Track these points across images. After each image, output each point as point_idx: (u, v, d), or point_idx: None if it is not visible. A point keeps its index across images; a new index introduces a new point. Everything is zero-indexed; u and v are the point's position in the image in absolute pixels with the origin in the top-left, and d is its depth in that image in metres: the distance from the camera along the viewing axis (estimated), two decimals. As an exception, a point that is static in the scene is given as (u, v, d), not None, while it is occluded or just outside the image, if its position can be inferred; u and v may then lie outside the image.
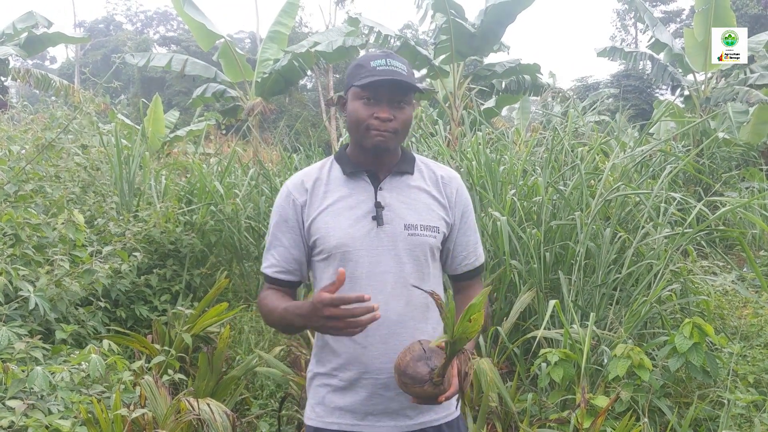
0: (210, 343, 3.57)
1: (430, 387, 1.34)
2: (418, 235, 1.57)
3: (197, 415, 2.46)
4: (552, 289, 3.77)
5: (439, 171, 1.69)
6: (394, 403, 1.54)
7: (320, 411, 1.60)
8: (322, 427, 1.59)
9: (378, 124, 1.51)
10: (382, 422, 1.55)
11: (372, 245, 1.55)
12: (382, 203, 1.57)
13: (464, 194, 1.69)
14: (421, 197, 1.62)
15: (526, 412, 3.03)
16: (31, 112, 5.50)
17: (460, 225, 1.67)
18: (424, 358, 1.35)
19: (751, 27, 21.58)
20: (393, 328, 1.54)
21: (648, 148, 4.52)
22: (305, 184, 1.62)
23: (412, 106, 1.59)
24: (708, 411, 3.03)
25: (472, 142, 5.14)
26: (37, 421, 2.09)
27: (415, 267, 1.57)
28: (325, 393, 1.60)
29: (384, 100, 1.52)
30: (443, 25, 8.68)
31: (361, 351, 1.53)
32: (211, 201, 4.95)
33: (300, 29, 30.59)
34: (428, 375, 1.33)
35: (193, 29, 10.58)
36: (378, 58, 1.53)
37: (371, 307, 1.30)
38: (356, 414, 1.55)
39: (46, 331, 3.01)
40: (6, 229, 3.13)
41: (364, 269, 1.54)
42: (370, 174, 1.61)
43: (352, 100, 1.56)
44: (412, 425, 1.56)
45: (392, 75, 1.50)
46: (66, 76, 30.72)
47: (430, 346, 1.39)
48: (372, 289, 1.53)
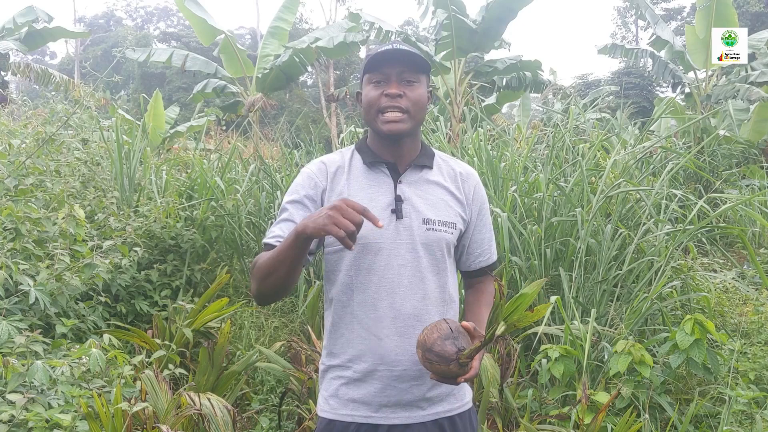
0: (210, 339, 3.57)
1: (455, 367, 1.34)
2: (435, 231, 1.57)
3: (198, 410, 2.45)
4: (553, 286, 3.77)
5: (458, 167, 1.69)
6: (408, 394, 1.55)
7: (334, 403, 1.59)
8: (336, 419, 1.58)
9: (388, 101, 1.52)
10: (396, 414, 1.55)
11: (390, 238, 1.55)
12: (402, 197, 1.57)
13: (481, 192, 1.70)
14: (440, 193, 1.63)
15: (526, 407, 3.03)
16: (31, 107, 5.49)
17: (476, 222, 1.68)
18: (452, 338, 1.35)
19: (752, 24, 21.58)
20: (409, 321, 1.54)
21: (649, 145, 4.52)
22: (328, 170, 1.62)
23: (426, 88, 1.59)
24: (709, 408, 3.03)
25: (474, 139, 5.14)
26: (37, 415, 2.09)
27: (431, 262, 1.57)
28: (339, 385, 1.59)
29: (392, 77, 1.53)
30: (444, 21, 8.66)
31: (377, 343, 1.53)
32: (211, 197, 4.94)
33: (300, 25, 30.54)
34: (455, 354, 1.33)
35: (193, 24, 10.56)
36: (386, 45, 1.57)
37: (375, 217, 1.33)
38: (370, 406, 1.55)
39: (46, 325, 3.01)
40: (6, 223, 3.13)
41: (382, 261, 1.54)
42: (390, 166, 1.61)
43: (365, 87, 1.58)
44: (426, 416, 1.56)
45: (398, 52, 1.52)
46: (66, 72, 30.63)
47: (456, 323, 1.40)
48: (388, 281, 1.54)
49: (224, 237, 4.90)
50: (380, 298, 1.54)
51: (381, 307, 1.53)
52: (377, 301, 1.53)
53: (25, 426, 2.08)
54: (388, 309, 1.53)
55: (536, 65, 10.37)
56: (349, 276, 1.56)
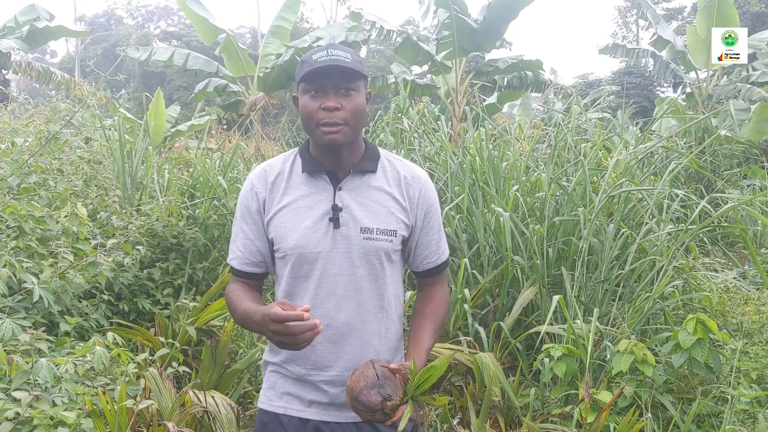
0: (213, 337, 3.57)
1: (380, 416, 1.37)
2: (373, 240, 1.56)
3: (204, 408, 2.46)
4: (555, 285, 3.78)
5: (403, 171, 1.65)
6: (340, 398, 1.57)
7: (270, 395, 1.65)
8: (271, 410, 1.63)
9: (326, 115, 1.49)
10: (327, 411, 1.59)
11: (327, 247, 1.55)
12: (339, 205, 1.56)
13: (428, 194, 1.66)
14: (381, 199, 1.60)
15: (528, 406, 3.04)
16: (33, 106, 5.48)
17: (422, 225, 1.66)
18: (377, 386, 1.37)
19: (753, 25, 21.59)
20: (342, 329, 1.57)
21: (651, 145, 4.52)
22: (268, 178, 1.61)
23: (363, 94, 1.55)
24: (711, 407, 3.03)
25: (475, 138, 5.14)
26: (42, 413, 2.09)
27: (368, 270, 1.57)
28: (276, 379, 1.65)
29: (329, 89, 1.50)
30: (446, 21, 8.67)
31: (309, 349, 1.53)
32: (214, 195, 4.95)
33: (301, 24, 30.53)
34: (380, 405, 1.35)
35: (195, 23, 10.57)
36: (320, 50, 1.52)
37: (312, 324, 1.31)
38: (303, 401, 1.61)
39: (49, 323, 3.01)
40: (9, 222, 3.13)
41: (318, 270, 1.55)
42: (330, 173, 1.59)
43: (301, 96, 1.55)
44: (358, 417, 1.57)
45: (333, 62, 1.48)
46: (66, 70, 30.63)
47: (383, 368, 1.41)
48: (324, 290, 1.56)
49: (226, 236, 4.89)
50: (315, 306, 1.56)
51: (316, 315, 1.53)
52: (313, 309, 1.53)
53: (29, 423, 2.09)
54: (322, 317, 1.54)
55: (537, 65, 10.38)
56: (288, 283, 1.60)
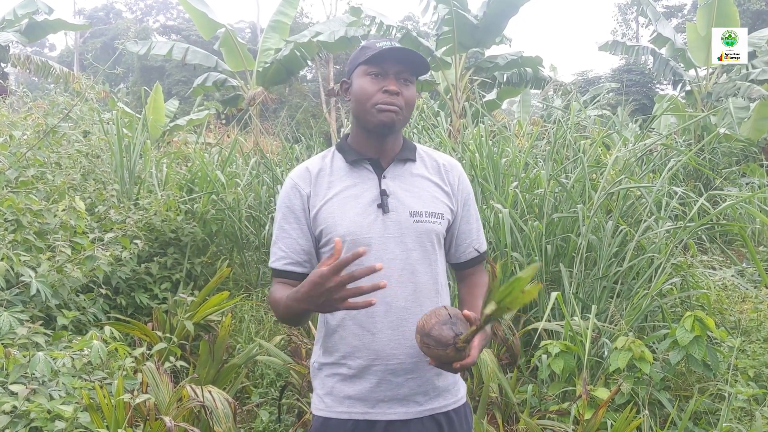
0: (211, 332, 3.57)
1: (452, 351, 1.34)
2: (423, 222, 1.58)
3: (201, 402, 2.46)
4: (553, 282, 3.78)
5: (441, 159, 1.70)
6: (404, 389, 1.55)
7: (329, 401, 1.60)
8: (332, 417, 1.58)
9: (386, 98, 1.52)
10: (392, 409, 1.55)
11: (379, 233, 1.55)
12: (387, 191, 1.58)
13: (466, 182, 1.71)
14: (425, 185, 1.63)
15: (526, 403, 3.04)
16: (31, 99, 5.46)
17: (462, 213, 1.68)
18: (450, 323, 1.36)
19: (753, 23, 21.57)
20: (401, 314, 1.54)
21: (651, 143, 4.52)
22: (310, 175, 1.63)
23: (415, 89, 1.60)
24: (708, 404, 3.04)
25: (475, 134, 5.13)
26: (39, 407, 2.09)
27: (421, 254, 1.58)
28: (334, 383, 1.59)
29: (391, 73, 1.54)
30: (445, 17, 8.64)
31: (371, 338, 1.54)
32: (212, 190, 4.94)
33: (301, 19, 30.44)
34: (452, 339, 1.33)
35: (194, 18, 10.54)
36: (384, 40, 1.57)
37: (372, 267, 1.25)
38: (367, 402, 1.56)
39: (46, 317, 3.01)
40: (7, 215, 3.12)
41: (372, 257, 1.54)
42: (373, 162, 1.61)
43: (359, 78, 1.57)
44: (422, 411, 1.56)
45: (401, 50, 1.52)
46: (65, 64, 30.54)
47: (455, 310, 1.40)
48: (379, 276, 1.52)
49: (224, 230, 4.89)
50: (371, 294, 1.53)
51: None
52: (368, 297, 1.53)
53: (27, 417, 2.08)
54: (379, 304, 1.52)
55: (537, 61, 10.36)
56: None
